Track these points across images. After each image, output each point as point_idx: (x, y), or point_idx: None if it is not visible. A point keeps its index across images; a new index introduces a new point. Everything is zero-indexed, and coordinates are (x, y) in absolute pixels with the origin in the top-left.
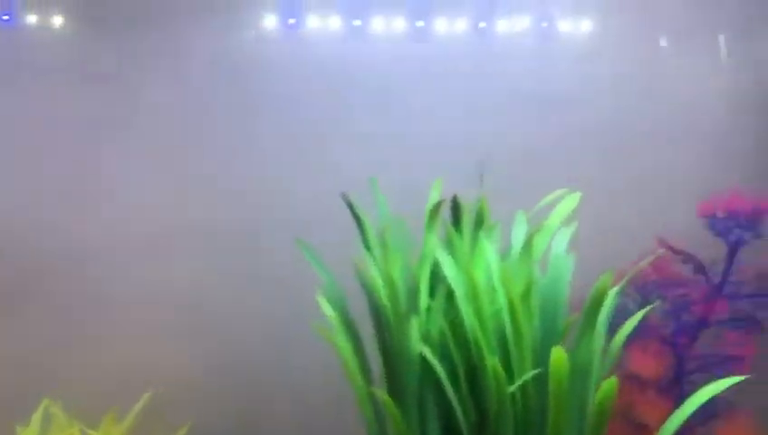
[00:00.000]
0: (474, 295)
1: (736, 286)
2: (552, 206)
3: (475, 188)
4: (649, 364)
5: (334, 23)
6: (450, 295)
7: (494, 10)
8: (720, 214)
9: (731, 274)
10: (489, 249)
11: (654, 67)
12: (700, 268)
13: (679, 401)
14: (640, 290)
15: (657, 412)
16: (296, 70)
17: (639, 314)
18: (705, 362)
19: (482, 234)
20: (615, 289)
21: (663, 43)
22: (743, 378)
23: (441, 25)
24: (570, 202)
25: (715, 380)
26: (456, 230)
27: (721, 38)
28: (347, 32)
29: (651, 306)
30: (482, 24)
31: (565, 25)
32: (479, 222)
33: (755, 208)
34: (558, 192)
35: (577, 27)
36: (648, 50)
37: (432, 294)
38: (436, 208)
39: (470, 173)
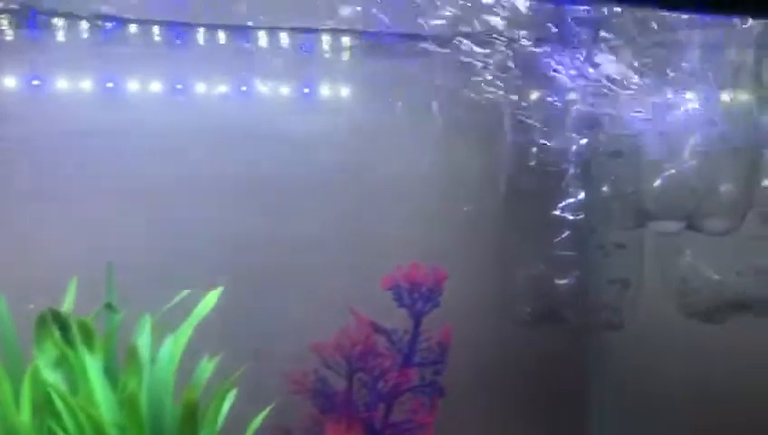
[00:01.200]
0: (72, 414)
1: (423, 354)
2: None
3: None
4: None
5: None
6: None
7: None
8: (404, 285)
9: (418, 342)
10: (92, 366)
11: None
12: (390, 339)
13: None
14: (346, 362)
15: None
16: None
17: None
18: (398, 430)
19: (85, 349)
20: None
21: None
22: None
23: None
24: (210, 299)
25: None
26: (67, 343)
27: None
28: None
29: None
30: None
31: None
32: (86, 336)
33: (434, 279)
34: (184, 293)
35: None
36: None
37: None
38: (42, 322)
39: None
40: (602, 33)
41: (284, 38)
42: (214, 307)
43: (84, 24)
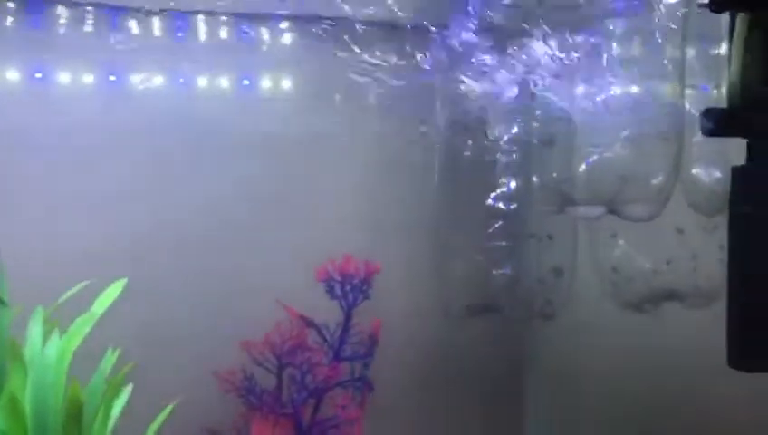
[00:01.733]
0: None
1: (353, 348)
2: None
3: None
4: None
5: None
6: None
7: None
8: (336, 278)
9: (348, 336)
10: None
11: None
12: (320, 333)
13: None
14: (276, 358)
15: None
16: None
17: None
18: (326, 426)
19: None
20: None
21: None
22: None
23: None
24: (113, 290)
25: None
26: None
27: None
28: None
29: None
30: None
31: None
32: None
33: (366, 271)
34: (80, 285)
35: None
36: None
37: None
38: None
39: None
40: (533, 21)
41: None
42: (119, 300)
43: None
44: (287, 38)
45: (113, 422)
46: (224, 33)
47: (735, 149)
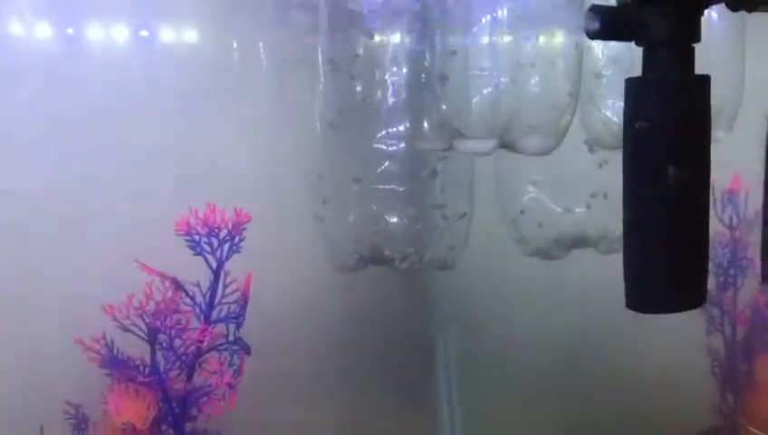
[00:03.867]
0: None
1: (226, 308)
2: None
3: None
4: (133, 408)
5: None
6: None
7: None
8: (199, 230)
9: (219, 296)
10: None
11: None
12: (185, 292)
13: None
14: (144, 323)
15: None
16: None
17: None
18: (198, 394)
19: None
20: None
21: None
22: None
23: None
24: None
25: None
26: None
27: None
28: None
29: None
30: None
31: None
32: None
33: (236, 221)
34: None
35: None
36: None
37: None
38: None
39: None
40: None
41: None
42: None
43: None
44: None
45: None
46: None
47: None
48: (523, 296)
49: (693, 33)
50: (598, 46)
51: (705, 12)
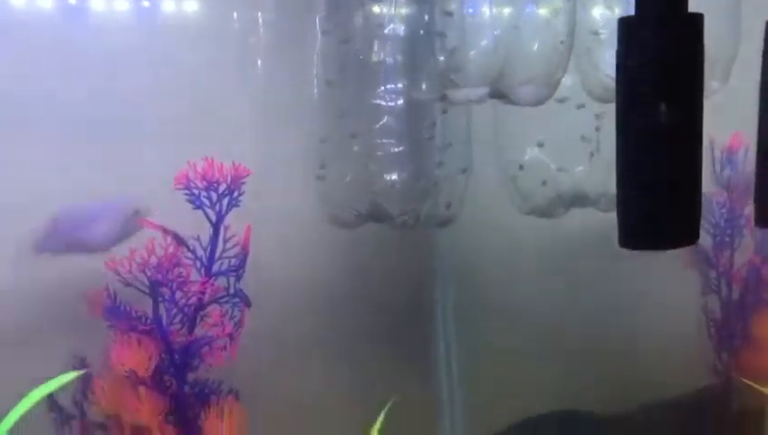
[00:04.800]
0: None
1: (225, 261)
2: None
3: None
4: (135, 357)
5: None
6: None
7: None
8: (198, 184)
9: (219, 249)
10: None
11: None
12: (186, 245)
13: (179, 395)
14: (145, 277)
15: (149, 409)
16: None
17: None
18: (199, 344)
19: None
20: None
21: None
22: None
23: None
24: None
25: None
26: None
27: None
28: None
29: None
30: None
31: None
32: None
33: (234, 175)
34: None
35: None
36: None
37: None
38: None
39: None
40: None
41: None
42: None
43: None
44: None
45: None
46: None
47: None
48: (521, 252)
49: None
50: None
51: None
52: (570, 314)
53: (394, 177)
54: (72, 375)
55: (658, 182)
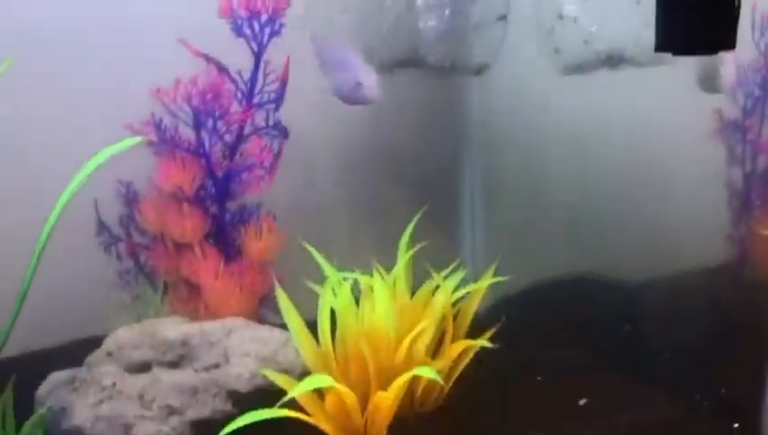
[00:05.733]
0: None
1: (266, 92)
2: None
3: None
4: (180, 174)
5: None
6: None
7: None
8: (242, 14)
9: (260, 80)
10: None
11: None
12: (228, 75)
13: (221, 215)
14: (189, 106)
15: (191, 225)
16: None
17: None
18: (238, 169)
19: None
20: None
21: None
22: None
23: None
24: None
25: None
26: None
27: None
28: None
29: None
30: None
31: None
32: None
33: (275, 7)
34: None
35: None
36: None
37: None
38: None
39: None
40: None
41: None
42: None
43: None
44: None
45: None
46: None
47: None
48: (551, 116)
49: None
50: None
51: None
52: (596, 184)
53: (432, 22)
54: (129, 142)
55: None
